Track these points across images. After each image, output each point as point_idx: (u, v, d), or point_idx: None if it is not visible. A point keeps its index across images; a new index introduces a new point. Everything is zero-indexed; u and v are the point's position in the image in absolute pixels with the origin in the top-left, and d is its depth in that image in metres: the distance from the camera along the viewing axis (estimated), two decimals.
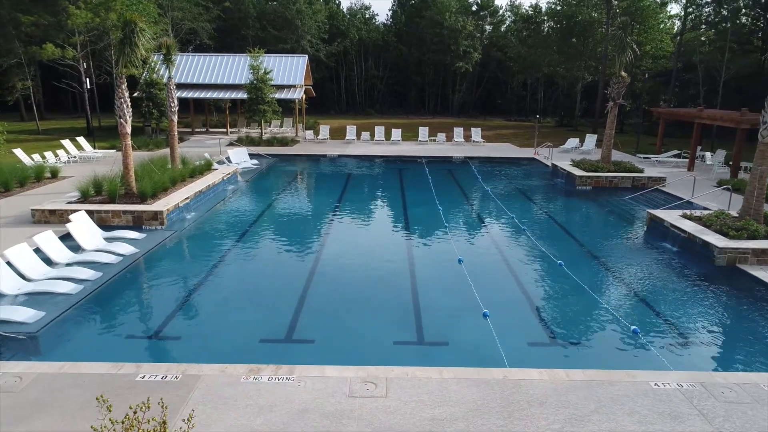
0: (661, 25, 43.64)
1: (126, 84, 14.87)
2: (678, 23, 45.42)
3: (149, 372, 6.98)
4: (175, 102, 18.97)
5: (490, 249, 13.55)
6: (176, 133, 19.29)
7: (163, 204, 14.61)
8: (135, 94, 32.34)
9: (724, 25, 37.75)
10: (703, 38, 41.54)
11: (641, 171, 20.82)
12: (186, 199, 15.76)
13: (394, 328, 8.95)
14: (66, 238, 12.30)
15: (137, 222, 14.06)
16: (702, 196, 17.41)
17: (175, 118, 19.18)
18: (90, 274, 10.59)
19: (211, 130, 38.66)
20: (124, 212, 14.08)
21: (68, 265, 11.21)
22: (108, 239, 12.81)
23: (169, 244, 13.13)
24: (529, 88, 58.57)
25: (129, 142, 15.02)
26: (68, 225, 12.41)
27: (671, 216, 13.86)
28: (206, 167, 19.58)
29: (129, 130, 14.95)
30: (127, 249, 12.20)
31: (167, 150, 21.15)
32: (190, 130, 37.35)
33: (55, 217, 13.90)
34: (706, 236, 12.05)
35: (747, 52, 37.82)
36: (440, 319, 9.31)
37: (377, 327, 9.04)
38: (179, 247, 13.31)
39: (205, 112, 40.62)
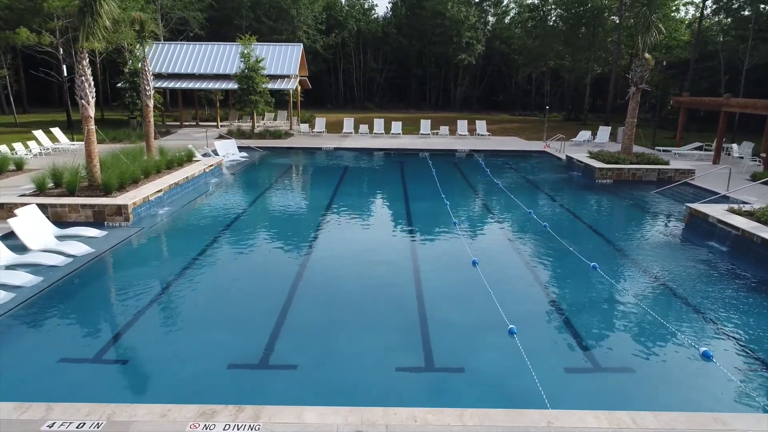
0: (674, 14, 41.74)
1: (88, 60, 13.02)
2: (692, 11, 43.58)
3: (62, 416, 5.11)
4: (150, 84, 17.04)
5: (508, 249, 11.67)
6: (152, 119, 17.35)
7: (130, 197, 12.71)
8: (119, 84, 30.54)
9: (743, 12, 35.83)
10: (716, 28, 39.63)
11: (667, 163, 18.93)
12: (158, 192, 13.86)
13: (395, 349, 7.07)
14: (11, 236, 10.49)
15: (98, 218, 12.17)
16: (739, 191, 15.51)
17: (151, 103, 17.23)
18: (27, 280, 8.78)
19: (201, 123, 36.64)
20: (84, 206, 12.19)
21: (8, 268, 9.38)
22: (60, 237, 10.98)
23: (132, 244, 11.25)
24: (534, 82, 56.63)
25: (92, 126, 13.16)
26: (11, 221, 10.54)
27: (716, 211, 11.99)
28: (187, 158, 17.67)
29: (92, 112, 13.12)
30: (80, 249, 10.37)
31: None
32: (178, 123, 35.40)
33: (3, 212, 12.01)
34: (765, 234, 10.18)
35: (765, 41, 35.90)
36: (453, 338, 7.43)
37: (375, 347, 7.16)
38: (143, 247, 11.37)
39: (194, 105, 38.68)
